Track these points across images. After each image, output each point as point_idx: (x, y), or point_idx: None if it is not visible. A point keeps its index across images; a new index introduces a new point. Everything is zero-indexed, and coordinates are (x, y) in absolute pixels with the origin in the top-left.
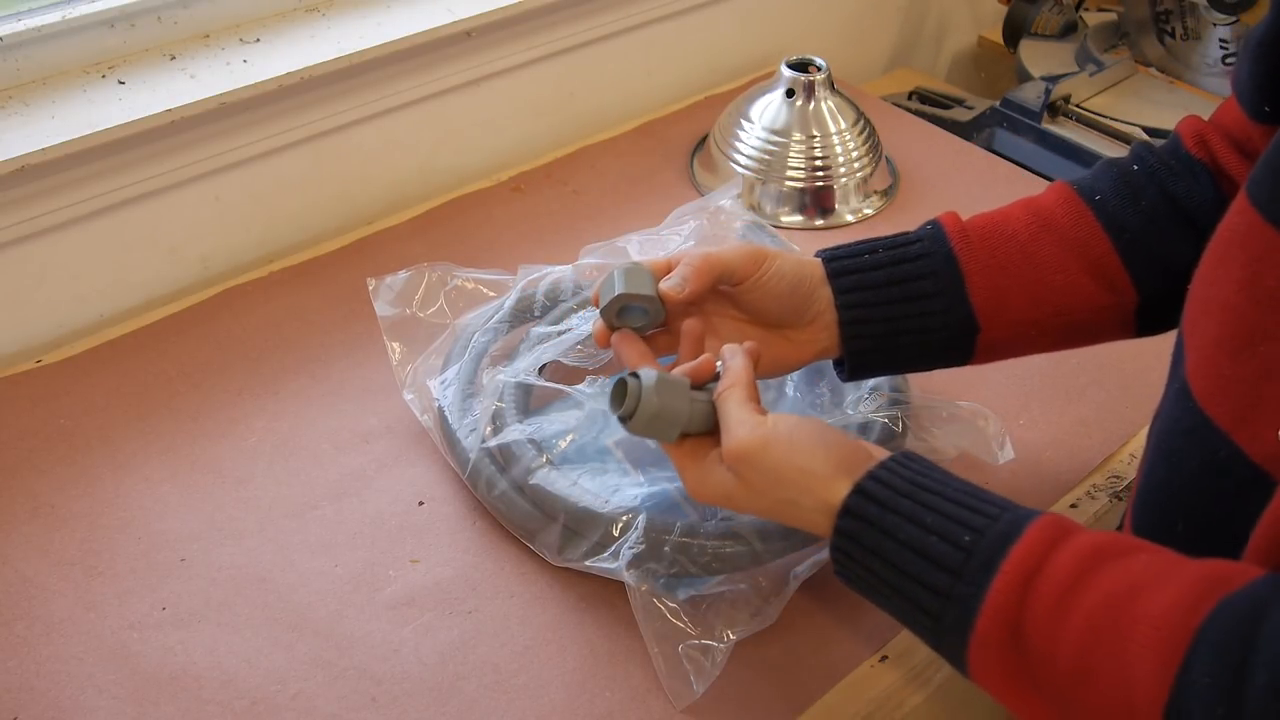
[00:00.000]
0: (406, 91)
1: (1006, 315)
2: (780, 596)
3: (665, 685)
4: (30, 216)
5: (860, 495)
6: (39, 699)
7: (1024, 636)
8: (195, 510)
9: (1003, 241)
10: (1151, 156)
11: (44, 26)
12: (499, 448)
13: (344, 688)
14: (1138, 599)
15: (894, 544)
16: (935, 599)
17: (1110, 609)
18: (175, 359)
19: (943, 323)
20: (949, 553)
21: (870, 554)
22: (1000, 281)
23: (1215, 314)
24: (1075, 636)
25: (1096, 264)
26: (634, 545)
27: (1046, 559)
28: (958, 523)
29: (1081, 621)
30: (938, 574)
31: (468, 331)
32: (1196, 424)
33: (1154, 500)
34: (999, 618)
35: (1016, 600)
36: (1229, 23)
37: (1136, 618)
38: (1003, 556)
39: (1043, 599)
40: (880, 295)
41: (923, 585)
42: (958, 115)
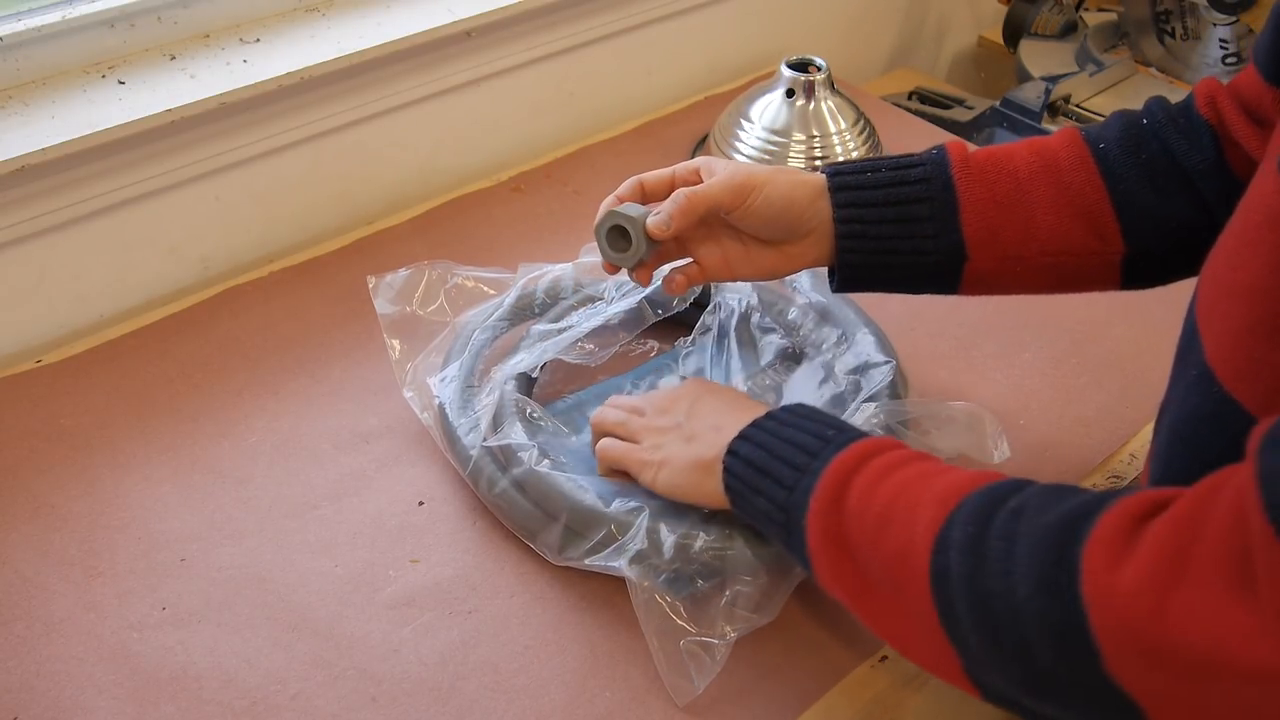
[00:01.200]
0: (406, 91)
1: (995, 249)
2: (780, 593)
3: (666, 681)
4: (30, 216)
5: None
6: (39, 699)
7: (847, 496)
8: (195, 510)
9: (1001, 176)
10: (1161, 112)
11: (44, 26)
12: (500, 446)
13: (344, 688)
14: (942, 474)
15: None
16: (793, 473)
17: (921, 476)
18: (175, 359)
19: (933, 247)
20: (812, 440)
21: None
22: (993, 215)
23: (1243, 298)
24: (885, 495)
25: (1089, 210)
26: (635, 544)
27: (889, 449)
28: (831, 425)
29: (895, 484)
30: (801, 455)
31: (468, 329)
32: (1222, 409)
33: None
34: (833, 482)
35: (852, 468)
36: (1229, 23)
37: (938, 482)
38: (854, 440)
39: (871, 469)
40: (877, 214)
41: (788, 464)
42: (958, 115)
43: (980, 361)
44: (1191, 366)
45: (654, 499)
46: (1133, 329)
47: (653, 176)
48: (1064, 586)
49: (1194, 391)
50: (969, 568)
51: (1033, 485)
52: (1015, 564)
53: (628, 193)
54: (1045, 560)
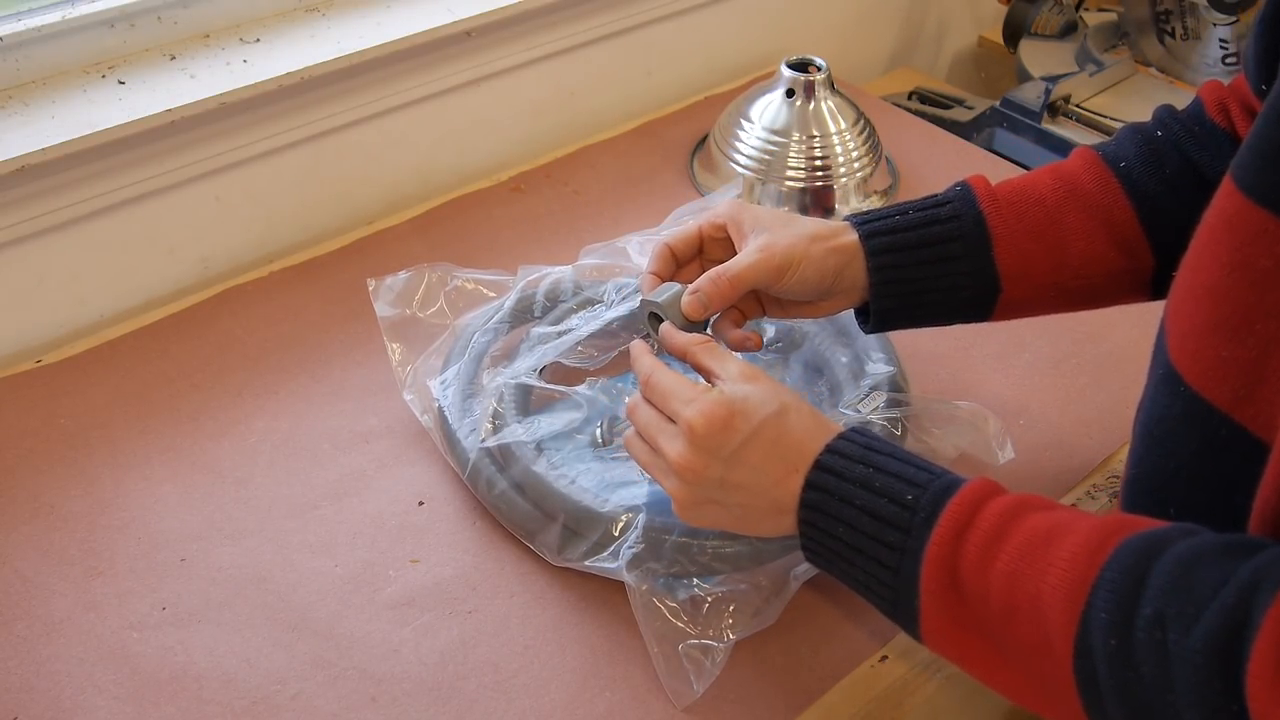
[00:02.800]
0: (406, 91)
1: (1028, 279)
2: (780, 596)
3: (665, 685)
4: (30, 216)
5: (818, 469)
6: (39, 699)
7: (960, 581)
8: (195, 510)
9: (1030, 207)
10: (1175, 123)
11: (44, 26)
12: (499, 447)
13: (344, 688)
14: (1051, 542)
15: (851, 510)
16: (892, 555)
17: (1028, 552)
18: (175, 359)
19: (968, 283)
20: (897, 512)
21: (833, 521)
22: (1026, 246)
23: (1204, 298)
24: (1001, 579)
25: (1118, 230)
26: (634, 545)
27: (978, 510)
28: (904, 481)
29: (1006, 564)
30: (890, 532)
31: (468, 332)
32: (1191, 408)
33: (1145, 488)
34: (940, 564)
35: (951, 549)
36: (1229, 23)
37: (1050, 560)
38: (941, 509)
39: (973, 545)
40: (912, 256)
41: (881, 544)
42: (958, 115)
43: (980, 361)
44: (1159, 365)
45: (653, 499)
46: (1133, 329)
47: (680, 240)
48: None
49: (1162, 390)
50: (1121, 681)
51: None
52: (1175, 689)
53: (659, 265)
54: (1209, 690)
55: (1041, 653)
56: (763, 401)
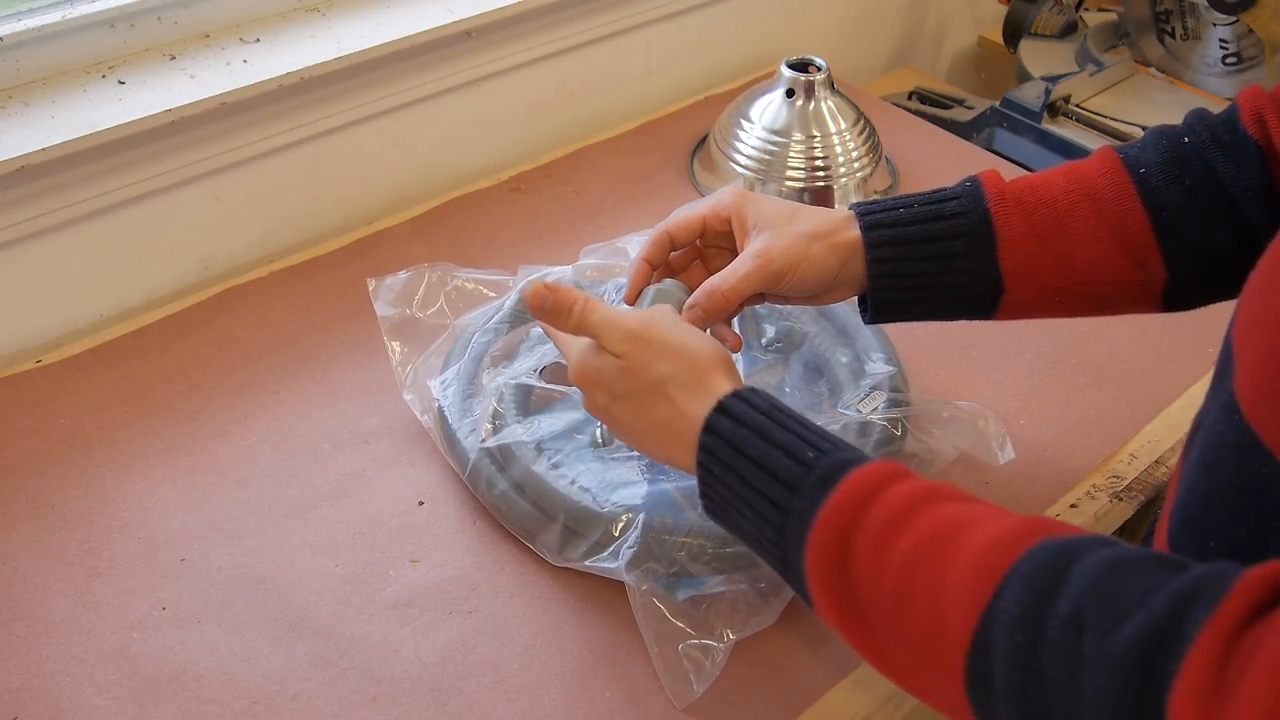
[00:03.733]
0: (406, 91)
1: (1033, 282)
2: (780, 596)
3: (665, 685)
4: (30, 216)
5: (720, 411)
6: (39, 699)
7: (851, 559)
8: (195, 510)
9: (1039, 207)
10: (1204, 130)
11: (44, 26)
12: (499, 448)
13: (344, 688)
14: (963, 531)
15: (743, 459)
16: (776, 512)
17: (936, 538)
18: (175, 359)
19: (970, 281)
20: (790, 468)
21: (725, 468)
22: (1032, 249)
23: (1271, 326)
24: (899, 561)
25: (1129, 239)
26: (633, 545)
27: (883, 488)
28: (805, 442)
29: (908, 547)
30: (778, 488)
31: (468, 332)
32: (1242, 440)
33: (1191, 515)
34: (829, 535)
35: (849, 520)
36: (1229, 23)
37: (960, 546)
38: (841, 476)
39: (874, 522)
40: (913, 251)
41: (767, 499)
42: (958, 115)
43: (980, 361)
44: (1224, 391)
45: (652, 499)
46: (1133, 329)
47: (681, 226)
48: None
49: (1222, 418)
50: (1020, 682)
51: (1075, 562)
52: (1082, 695)
53: (654, 251)
54: (1122, 701)
55: (931, 645)
56: (620, 376)
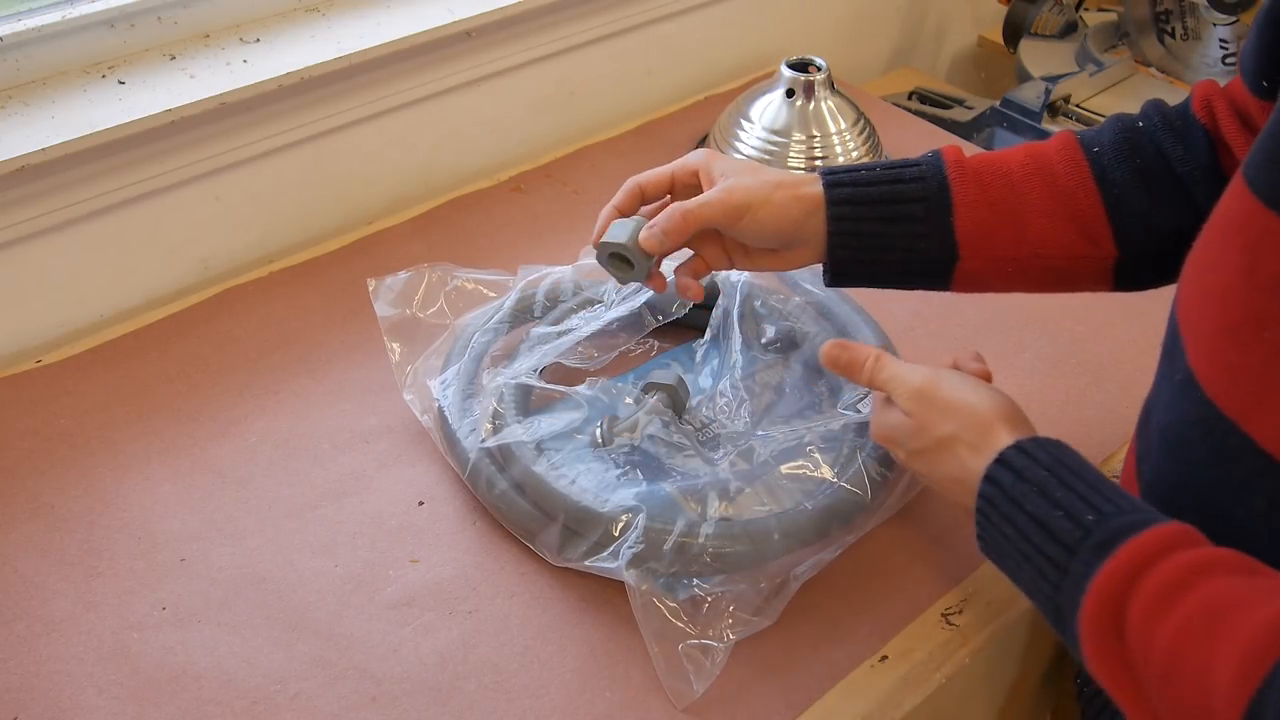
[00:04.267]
0: (406, 91)
1: (987, 250)
2: (780, 596)
3: (665, 685)
4: (30, 216)
5: (1001, 463)
6: (39, 699)
7: (1125, 626)
8: (195, 510)
9: (995, 178)
10: (1157, 115)
11: (44, 26)
12: (499, 447)
13: (344, 688)
14: (1237, 610)
15: (1023, 515)
16: (1054, 571)
17: (1207, 614)
18: (175, 359)
19: (925, 245)
20: (1069, 530)
21: (1005, 520)
22: (985, 216)
23: (1218, 301)
24: (1170, 633)
25: (1081, 214)
26: (634, 545)
27: (1163, 555)
28: (1085, 502)
29: (1179, 620)
30: (1056, 548)
31: (468, 332)
32: (1205, 414)
33: (1161, 495)
34: (1104, 601)
35: (1123, 589)
36: (1229, 23)
37: (1231, 627)
38: (1120, 543)
39: (1147, 591)
40: (870, 211)
41: (1045, 557)
42: (958, 115)
43: None
44: (1177, 370)
45: (653, 499)
46: (1132, 329)
47: (651, 179)
48: None
49: (1180, 396)
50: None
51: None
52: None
53: (625, 200)
54: None
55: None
56: (911, 435)
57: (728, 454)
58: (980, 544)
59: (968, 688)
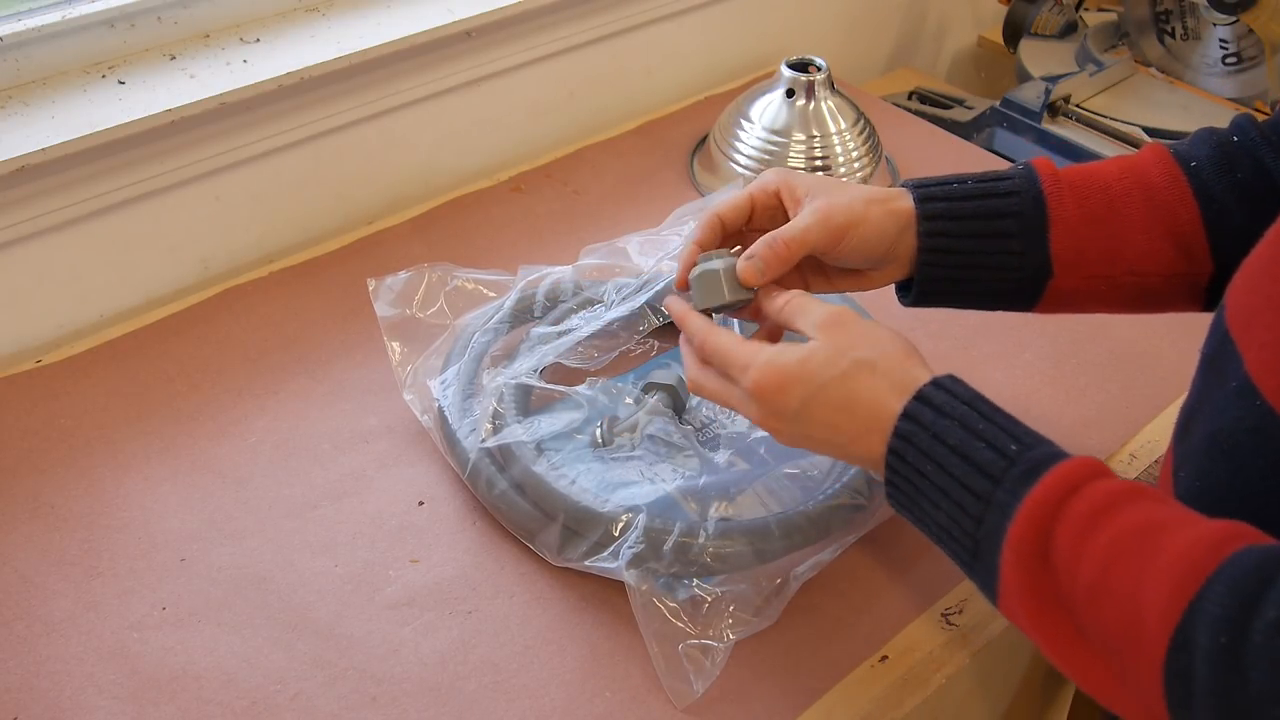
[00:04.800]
0: (406, 91)
1: (1082, 267)
2: (780, 596)
3: (665, 685)
4: (30, 216)
5: (920, 400)
6: (39, 699)
7: (1053, 548)
8: (195, 510)
9: (1093, 192)
10: (1253, 129)
11: (44, 26)
12: (499, 447)
13: (344, 688)
14: (1165, 531)
15: (943, 448)
16: (976, 503)
17: (1137, 535)
18: (175, 359)
19: (1019, 263)
20: (993, 460)
21: (922, 456)
22: (1083, 232)
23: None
24: (1099, 554)
25: (1180, 230)
26: (634, 545)
27: (1086, 482)
28: (1008, 434)
29: (1108, 541)
30: (980, 479)
31: (468, 332)
32: (1265, 424)
33: (1208, 502)
34: (1031, 526)
35: (1050, 512)
36: (1229, 23)
37: (1161, 546)
38: (1045, 470)
39: (1075, 515)
40: (965, 227)
41: (966, 489)
42: (958, 115)
43: (980, 361)
44: (1230, 378)
45: (653, 499)
46: (1133, 329)
47: (730, 207)
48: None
49: (1234, 404)
50: (1222, 683)
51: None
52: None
53: (705, 234)
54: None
55: (1130, 638)
56: (826, 362)
57: (728, 454)
58: (889, 489)
59: (968, 688)
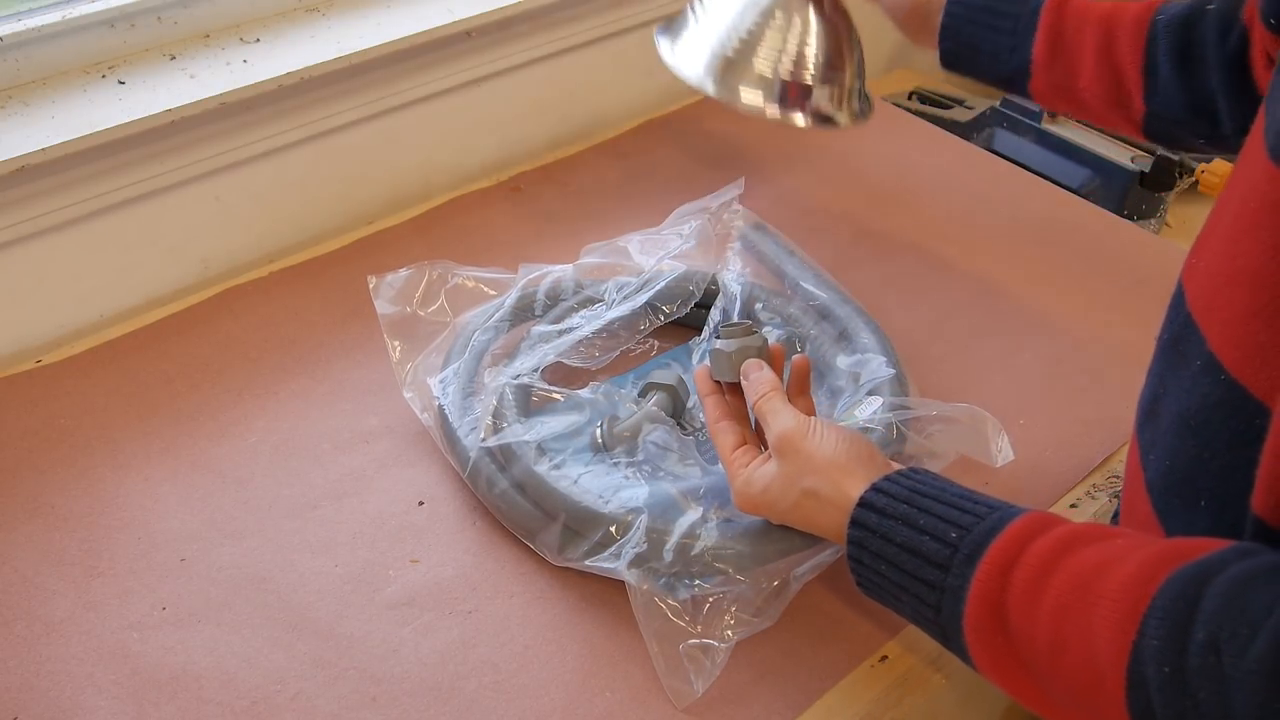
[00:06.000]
0: (406, 91)
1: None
2: (781, 597)
3: (665, 685)
4: (30, 216)
5: (864, 506)
6: (39, 699)
7: (1007, 620)
8: (195, 510)
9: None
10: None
11: (44, 26)
12: (499, 447)
13: (344, 688)
14: (1102, 576)
15: (893, 547)
16: (932, 593)
17: (1077, 587)
18: (175, 359)
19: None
20: (938, 550)
21: (876, 558)
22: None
23: (1248, 283)
24: (1049, 614)
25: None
26: (635, 545)
27: (1025, 548)
28: (947, 522)
29: (1054, 600)
30: (931, 570)
31: (468, 330)
32: (1230, 396)
33: (1177, 480)
34: (984, 604)
35: (998, 586)
36: None
37: (1100, 593)
38: (985, 549)
39: (1020, 582)
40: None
41: (921, 581)
42: (958, 115)
43: (980, 362)
44: (1194, 358)
45: (654, 500)
46: (1133, 329)
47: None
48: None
49: (1201, 381)
50: (1177, 709)
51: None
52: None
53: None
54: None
55: (1093, 688)
56: (780, 494)
57: None
58: (860, 589)
59: (968, 688)
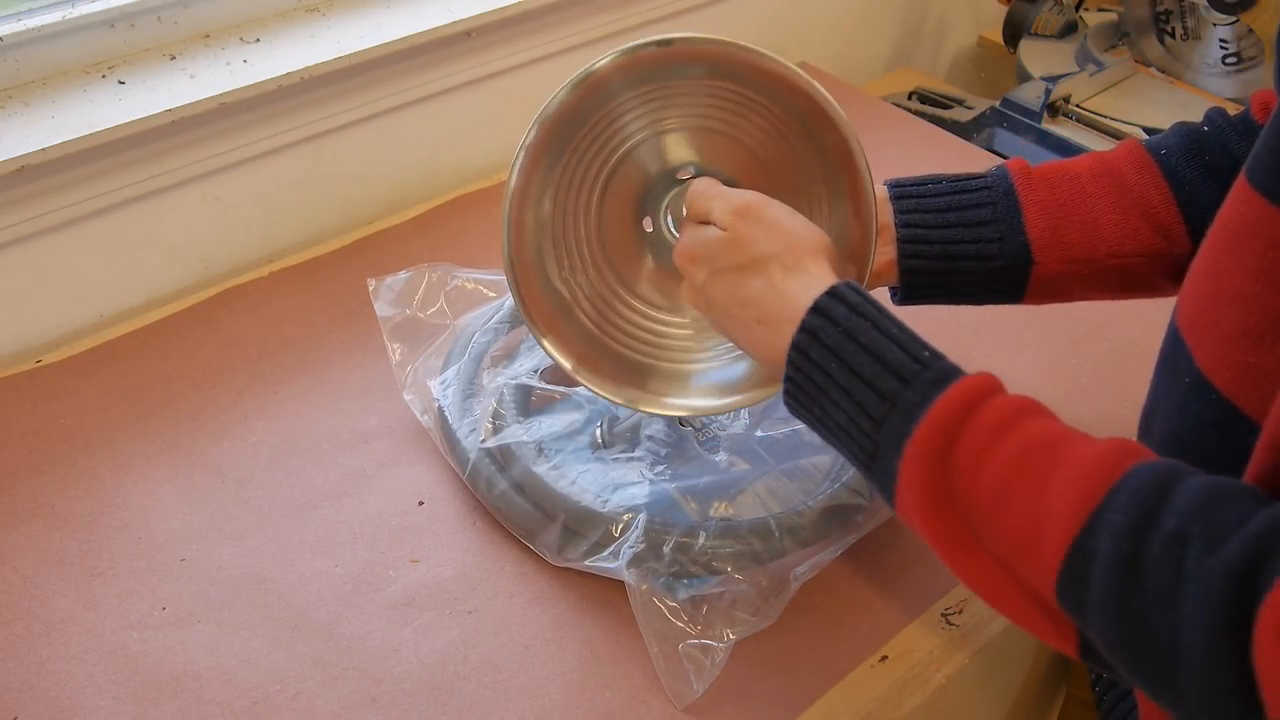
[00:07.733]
0: (406, 91)
1: (1061, 250)
2: (780, 596)
3: (665, 685)
4: (30, 216)
5: (832, 296)
6: (39, 699)
7: (955, 453)
8: (195, 510)
9: (1063, 181)
10: (1221, 119)
11: (44, 26)
12: (499, 448)
13: (344, 688)
14: (1068, 444)
15: (854, 346)
16: (881, 404)
17: (1041, 446)
18: (175, 359)
19: (998, 250)
20: (905, 362)
21: (827, 353)
22: (1057, 216)
23: (1233, 305)
24: (1005, 461)
25: (1154, 212)
26: (634, 545)
27: (995, 393)
28: (920, 342)
29: (1013, 450)
30: (889, 380)
31: (468, 332)
32: (1222, 416)
33: None
34: (936, 431)
35: (959, 418)
36: (1229, 23)
37: (1065, 457)
38: (955, 378)
39: (981, 423)
40: (939, 219)
41: (871, 389)
42: (958, 115)
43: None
44: (1183, 374)
45: (653, 499)
46: (1133, 329)
47: None
48: (1236, 657)
49: (1191, 400)
50: (1118, 590)
51: (1180, 481)
52: (1181, 609)
53: None
54: (1219, 616)
55: (1026, 546)
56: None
57: (727, 455)
58: (787, 384)
59: (968, 688)
